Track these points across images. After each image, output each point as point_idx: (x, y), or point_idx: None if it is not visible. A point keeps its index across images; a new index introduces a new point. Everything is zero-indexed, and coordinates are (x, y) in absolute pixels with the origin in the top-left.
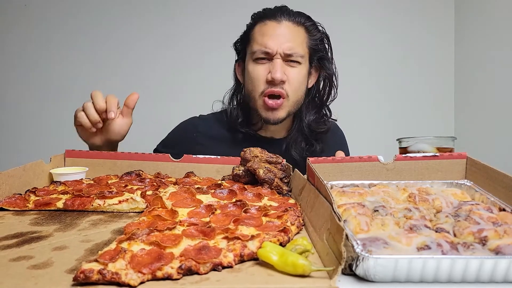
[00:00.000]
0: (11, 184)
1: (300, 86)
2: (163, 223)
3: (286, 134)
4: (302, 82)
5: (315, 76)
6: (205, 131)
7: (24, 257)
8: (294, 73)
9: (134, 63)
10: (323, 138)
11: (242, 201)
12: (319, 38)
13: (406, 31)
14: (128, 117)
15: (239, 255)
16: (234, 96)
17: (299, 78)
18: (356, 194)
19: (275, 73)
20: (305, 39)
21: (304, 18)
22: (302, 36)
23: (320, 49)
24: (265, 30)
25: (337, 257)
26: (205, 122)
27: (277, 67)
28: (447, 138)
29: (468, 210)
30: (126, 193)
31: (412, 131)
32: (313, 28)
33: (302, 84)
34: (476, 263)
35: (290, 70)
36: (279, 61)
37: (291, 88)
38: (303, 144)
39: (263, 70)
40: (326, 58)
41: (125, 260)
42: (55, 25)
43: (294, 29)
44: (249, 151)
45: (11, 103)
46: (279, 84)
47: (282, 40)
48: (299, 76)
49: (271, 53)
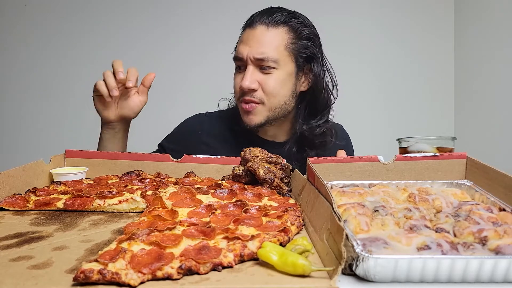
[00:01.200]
0: (11, 184)
1: (279, 91)
2: (163, 223)
3: (287, 137)
4: (281, 87)
5: (307, 79)
6: (209, 129)
7: (24, 257)
8: (269, 80)
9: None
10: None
11: (242, 201)
12: (304, 37)
13: (406, 31)
14: (144, 95)
15: (239, 255)
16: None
17: (275, 85)
18: (356, 194)
19: (243, 82)
20: (283, 41)
21: (285, 16)
22: (278, 38)
23: (306, 49)
24: (242, 39)
25: (337, 257)
26: (210, 120)
27: (246, 76)
28: (447, 138)
29: (468, 210)
30: (126, 193)
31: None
32: (300, 26)
33: (281, 89)
34: (476, 263)
35: (263, 77)
36: (250, 69)
37: (266, 95)
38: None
39: (239, 79)
40: (315, 60)
41: (125, 260)
42: (55, 25)
43: (269, 33)
44: (249, 151)
45: (11, 103)
46: (249, 92)
47: (252, 46)
48: (275, 82)
49: (242, 60)
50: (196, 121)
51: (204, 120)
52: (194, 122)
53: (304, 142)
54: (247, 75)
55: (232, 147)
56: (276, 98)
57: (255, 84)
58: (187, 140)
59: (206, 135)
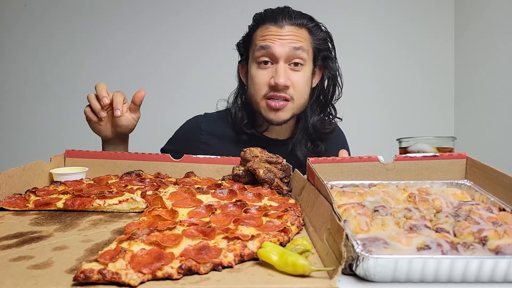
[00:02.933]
0: (11, 184)
1: (305, 89)
2: (163, 223)
3: (290, 134)
4: (307, 84)
5: (319, 75)
6: (210, 129)
7: (24, 257)
8: (299, 77)
9: (135, 63)
10: (327, 138)
11: (242, 201)
12: (322, 38)
13: (406, 31)
14: (136, 112)
15: (239, 255)
16: (238, 97)
17: (303, 82)
18: (356, 194)
19: (278, 79)
20: (308, 40)
21: (306, 19)
22: (305, 38)
23: (323, 49)
24: (267, 34)
25: (337, 257)
26: (209, 120)
27: (281, 72)
28: (447, 138)
29: (468, 210)
30: (126, 193)
31: (412, 131)
32: (316, 28)
33: (307, 87)
34: (476, 263)
35: (294, 74)
36: (282, 66)
37: (296, 92)
38: (309, 145)
39: (266, 75)
40: (330, 58)
41: (125, 260)
42: (55, 25)
43: (297, 32)
44: (249, 151)
45: (11, 103)
46: (283, 89)
47: (285, 42)
48: (303, 80)
49: (275, 57)
50: (195, 122)
51: (203, 121)
52: (193, 123)
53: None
54: (280, 71)
55: (234, 145)
56: (303, 95)
57: (289, 81)
58: (187, 141)
59: (206, 135)
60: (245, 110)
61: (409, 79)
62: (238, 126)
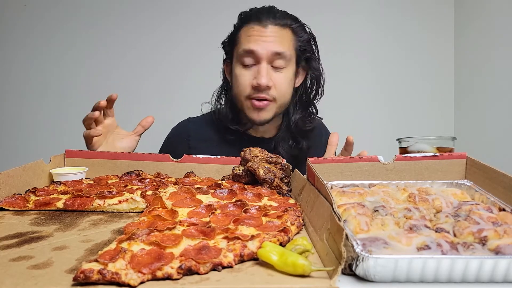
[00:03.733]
0: (11, 184)
1: (287, 89)
2: (163, 223)
3: (276, 133)
4: (289, 85)
5: (302, 75)
6: (196, 134)
7: (24, 257)
8: (281, 78)
9: (135, 63)
10: (309, 136)
11: (242, 201)
12: (305, 39)
13: (406, 31)
14: (139, 134)
15: (239, 255)
16: (222, 94)
17: (285, 82)
18: (356, 194)
19: (260, 79)
20: (292, 41)
21: (290, 19)
22: (288, 38)
23: (307, 50)
24: (251, 34)
25: (337, 257)
26: (195, 125)
27: (263, 73)
28: (447, 138)
29: (468, 210)
30: (126, 193)
31: (412, 131)
32: (300, 29)
33: (289, 87)
34: (476, 263)
35: (276, 75)
36: (265, 66)
37: (278, 92)
38: (290, 142)
39: (249, 75)
40: (313, 59)
41: (125, 260)
42: (55, 25)
43: (280, 33)
44: (249, 151)
45: (11, 103)
46: (265, 90)
47: (268, 44)
48: (286, 80)
49: (257, 58)
50: (182, 129)
51: (189, 127)
52: (179, 130)
53: (297, 133)
54: (263, 72)
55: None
56: (285, 96)
57: (271, 81)
58: (177, 148)
59: (193, 140)
60: (229, 107)
61: (409, 79)
62: (223, 123)
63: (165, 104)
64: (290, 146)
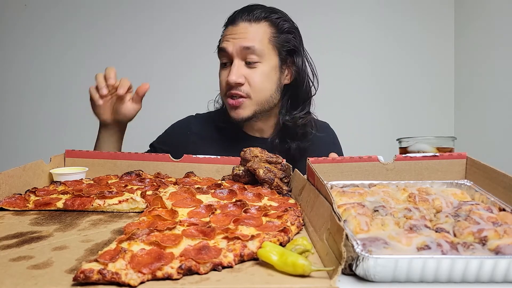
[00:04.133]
0: (11, 184)
1: (264, 85)
2: (163, 223)
3: (273, 132)
4: (266, 81)
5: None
6: (198, 130)
7: (24, 257)
8: (255, 74)
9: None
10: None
11: (242, 201)
12: (285, 30)
13: (406, 31)
14: (138, 103)
15: (239, 255)
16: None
17: (260, 78)
18: (356, 194)
19: (230, 76)
20: (267, 35)
21: (266, 12)
22: (261, 31)
23: (288, 43)
24: (224, 34)
25: (337, 257)
26: (199, 122)
27: (233, 70)
28: (447, 138)
29: (468, 210)
30: (126, 193)
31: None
32: (280, 20)
33: (267, 83)
34: (476, 263)
35: (250, 71)
36: (236, 63)
37: (252, 88)
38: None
39: (225, 74)
40: (296, 52)
41: (125, 260)
42: (55, 25)
43: (252, 28)
44: (249, 151)
45: (11, 103)
46: (236, 86)
47: (237, 38)
48: (261, 76)
49: (229, 56)
50: (185, 123)
51: (193, 122)
52: (183, 124)
53: (286, 133)
54: (233, 69)
55: (219, 145)
56: (262, 92)
57: (241, 78)
58: (176, 141)
59: (194, 136)
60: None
61: (409, 79)
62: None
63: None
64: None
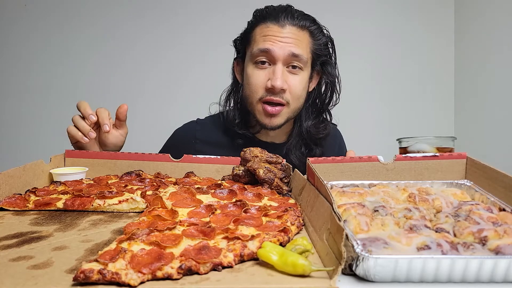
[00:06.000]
0: (11, 184)
1: (301, 93)
2: (163, 223)
3: (286, 138)
4: (304, 89)
5: (316, 80)
6: (203, 137)
7: (24, 257)
8: (296, 81)
9: (135, 62)
10: (322, 142)
11: (242, 201)
12: (323, 43)
13: (406, 31)
14: (122, 127)
15: (239, 255)
16: (231, 96)
17: (300, 86)
18: (356, 194)
19: (275, 81)
20: (309, 44)
21: (309, 21)
22: (305, 41)
23: (323, 54)
24: (267, 33)
25: (337, 257)
26: (203, 128)
27: (278, 75)
28: (447, 138)
29: (468, 210)
30: (126, 193)
31: (412, 131)
32: (318, 32)
33: (303, 91)
34: (476, 263)
35: (291, 77)
36: (280, 68)
37: (292, 96)
38: (303, 149)
39: (263, 76)
40: (329, 63)
41: (125, 260)
42: (55, 25)
43: (298, 34)
44: (249, 151)
45: (11, 103)
46: (279, 92)
47: (285, 45)
48: (301, 84)
49: (273, 58)
50: (189, 131)
51: (197, 129)
52: (186, 132)
53: (304, 140)
54: (278, 73)
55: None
56: (299, 100)
57: (286, 84)
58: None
59: (201, 144)
60: (237, 109)
61: (409, 79)
62: (230, 126)
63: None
64: (302, 153)
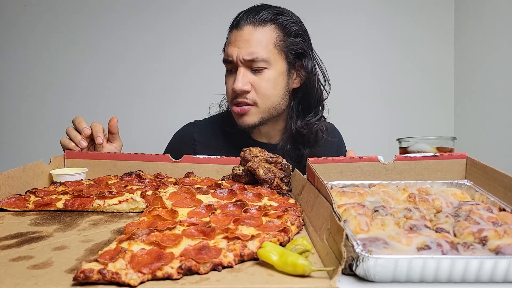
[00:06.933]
0: (11, 184)
1: (271, 92)
2: (163, 223)
3: (281, 138)
4: (273, 87)
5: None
6: (203, 139)
7: (24, 257)
8: (261, 80)
9: (135, 63)
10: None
11: (242, 201)
12: (293, 34)
13: (406, 31)
14: (116, 141)
15: (239, 255)
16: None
17: (267, 85)
18: (356, 194)
19: (235, 84)
20: (272, 39)
21: (271, 14)
22: (266, 37)
23: (297, 46)
24: (229, 41)
25: (337, 257)
26: (202, 130)
27: (238, 78)
28: (447, 138)
29: (468, 210)
30: (126, 193)
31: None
32: (287, 22)
33: (274, 89)
34: (476, 263)
35: (255, 77)
36: (241, 70)
37: (260, 95)
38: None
39: (230, 81)
40: (305, 55)
41: (125, 260)
42: (55, 25)
43: (257, 32)
44: (249, 151)
45: (11, 103)
46: (242, 94)
47: (241, 47)
48: (268, 82)
49: (232, 62)
50: (188, 133)
51: (196, 131)
52: (185, 134)
53: (298, 140)
54: (238, 77)
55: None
56: (269, 98)
57: (247, 85)
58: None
59: (200, 146)
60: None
61: (409, 79)
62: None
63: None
64: (296, 154)
